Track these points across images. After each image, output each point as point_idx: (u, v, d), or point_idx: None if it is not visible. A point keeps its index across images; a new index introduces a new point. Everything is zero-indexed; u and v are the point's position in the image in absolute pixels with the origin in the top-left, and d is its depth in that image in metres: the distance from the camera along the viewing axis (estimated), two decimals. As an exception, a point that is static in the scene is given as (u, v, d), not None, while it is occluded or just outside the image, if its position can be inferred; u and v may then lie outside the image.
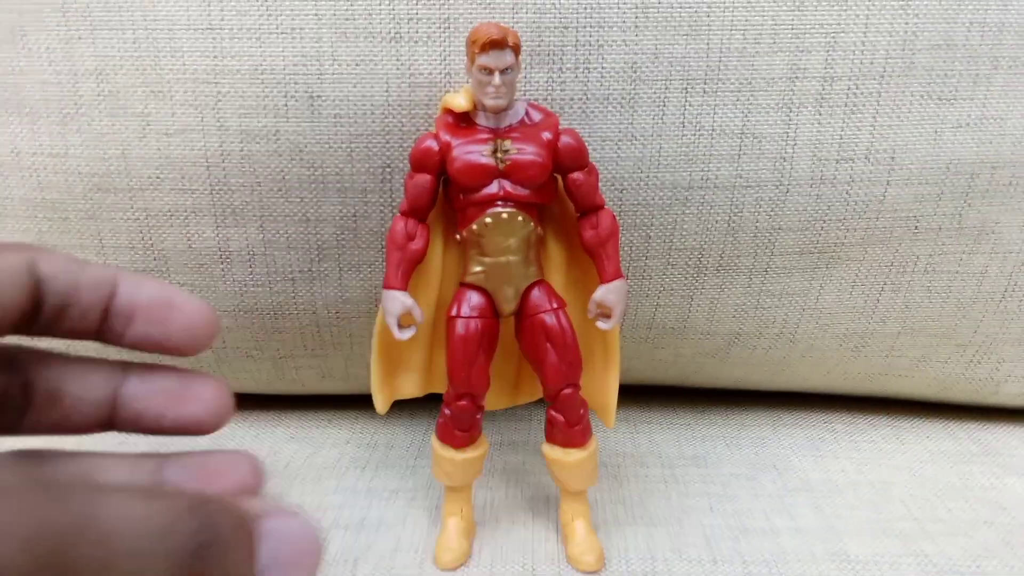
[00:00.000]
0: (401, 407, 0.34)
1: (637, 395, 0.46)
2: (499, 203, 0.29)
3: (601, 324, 0.31)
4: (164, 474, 0.26)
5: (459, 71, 0.33)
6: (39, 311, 0.26)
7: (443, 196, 0.31)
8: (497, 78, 0.28)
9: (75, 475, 0.21)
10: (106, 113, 0.34)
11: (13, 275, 0.24)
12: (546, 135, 0.29)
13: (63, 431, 0.28)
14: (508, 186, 0.29)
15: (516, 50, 0.28)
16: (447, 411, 0.31)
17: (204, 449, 0.26)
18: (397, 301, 0.30)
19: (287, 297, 0.37)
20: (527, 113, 0.30)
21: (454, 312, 0.30)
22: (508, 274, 0.30)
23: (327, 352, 0.40)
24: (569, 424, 0.31)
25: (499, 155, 0.29)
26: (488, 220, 0.29)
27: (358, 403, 0.45)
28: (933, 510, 0.36)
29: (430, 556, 0.33)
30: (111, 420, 0.28)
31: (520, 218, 0.29)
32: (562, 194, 0.31)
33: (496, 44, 0.28)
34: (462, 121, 0.30)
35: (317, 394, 0.44)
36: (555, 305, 0.30)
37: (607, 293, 0.30)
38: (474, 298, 0.30)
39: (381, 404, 0.33)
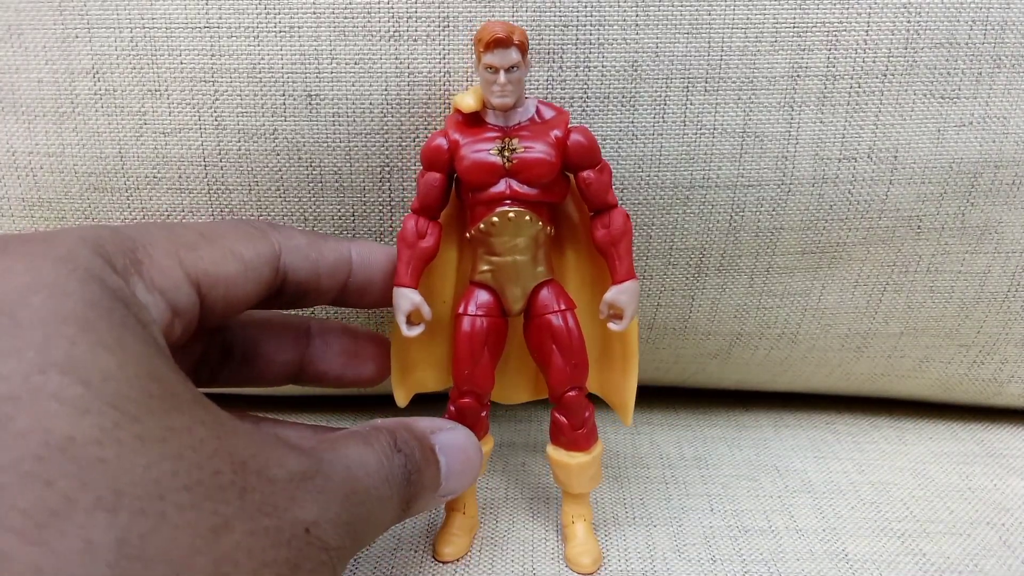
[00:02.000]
0: (400, 408, 0.34)
1: (638, 396, 0.46)
2: (507, 202, 0.29)
3: (612, 325, 0.30)
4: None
5: (458, 69, 0.32)
6: (279, 296, 0.28)
7: (456, 194, 0.31)
8: (502, 76, 0.28)
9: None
10: (103, 112, 0.34)
11: (255, 268, 0.26)
12: (555, 133, 0.29)
13: (253, 385, 0.32)
14: (515, 185, 0.29)
15: (522, 48, 0.28)
16: (452, 408, 0.31)
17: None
18: (406, 299, 0.30)
19: (285, 297, 0.37)
20: (537, 111, 0.30)
21: (461, 310, 0.30)
22: (516, 273, 0.30)
23: (326, 352, 0.40)
24: (573, 427, 0.31)
25: (506, 153, 0.29)
26: (495, 219, 0.29)
27: (358, 404, 0.45)
28: (934, 511, 0.36)
29: (430, 554, 0.33)
30: (297, 376, 0.32)
31: (528, 217, 0.29)
32: (576, 193, 0.31)
33: (500, 43, 0.27)
34: (472, 120, 0.29)
35: (318, 394, 0.44)
36: (563, 306, 0.30)
37: (618, 294, 0.30)
38: (482, 296, 0.30)
39: (401, 398, 0.33)
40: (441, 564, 0.32)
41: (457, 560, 0.32)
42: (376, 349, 0.33)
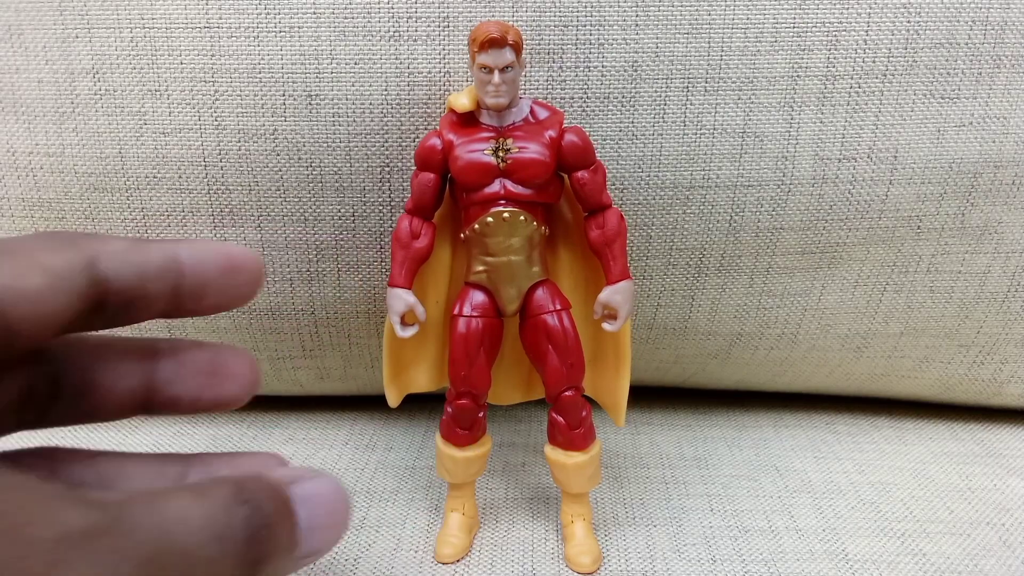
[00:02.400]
0: (399, 408, 0.34)
1: (638, 396, 0.46)
2: (501, 202, 0.29)
3: (607, 326, 0.30)
4: (191, 477, 0.25)
5: (458, 69, 0.32)
6: (101, 310, 0.24)
7: (450, 195, 0.31)
8: (496, 76, 0.28)
9: (102, 482, 0.21)
10: (103, 112, 0.34)
11: (66, 278, 0.23)
12: (549, 133, 0.29)
13: (92, 420, 0.27)
14: (509, 185, 0.29)
15: (516, 48, 0.28)
16: (449, 410, 0.31)
17: (228, 452, 0.25)
18: (400, 299, 0.30)
19: (285, 298, 0.37)
20: (532, 111, 0.30)
21: (456, 311, 0.30)
22: (511, 274, 0.30)
23: (325, 353, 0.40)
24: (570, 426, 0.31)
25: (500, 154, 0.29)
26: (490, 219, 0.29)
27: (357, 404, 0.45)
28: (934, 511, 0.36)
29: (430, 555, 0.33)
30: (145, 405, 0.27)
31: (522, 218, 0.29)
32: (571, 193, 0.31)
33: (495, 43, 0.27)
34: (467, 120, 0.29)
35: (315, 395, 0.44)
36: (558, 306, 0.30)
37: (612, 294, 0.30)
38: (477, 297, 0.30)
39: (393, 398, 0.33)
40: (441, 565, 0.32)
41: (457, 561, 0.32)
42: (240, 365, 0.28)
